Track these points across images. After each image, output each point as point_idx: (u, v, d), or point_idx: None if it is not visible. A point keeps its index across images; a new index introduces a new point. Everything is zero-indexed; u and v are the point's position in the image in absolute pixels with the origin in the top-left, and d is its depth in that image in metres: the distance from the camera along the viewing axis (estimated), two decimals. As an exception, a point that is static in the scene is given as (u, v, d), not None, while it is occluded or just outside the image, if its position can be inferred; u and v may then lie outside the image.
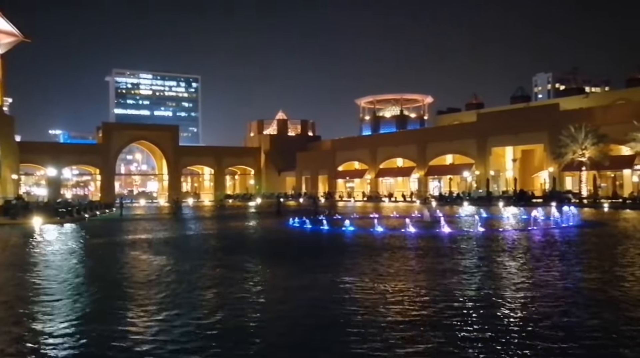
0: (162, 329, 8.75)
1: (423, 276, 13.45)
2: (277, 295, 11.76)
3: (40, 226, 33.06)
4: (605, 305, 9.98)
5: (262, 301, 11.10)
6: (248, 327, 8.94)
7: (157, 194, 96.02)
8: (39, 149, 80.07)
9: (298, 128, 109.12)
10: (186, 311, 10.05)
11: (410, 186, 77.61)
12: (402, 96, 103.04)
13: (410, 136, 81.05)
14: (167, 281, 13.34)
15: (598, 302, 10.27)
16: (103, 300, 11.40)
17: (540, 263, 15.30)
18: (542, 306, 9.94)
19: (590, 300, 10.50)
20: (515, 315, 9.37)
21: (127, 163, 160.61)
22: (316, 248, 21.14)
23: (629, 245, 19.39)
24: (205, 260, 17.50)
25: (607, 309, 9.67)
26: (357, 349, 7.56)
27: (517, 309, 9.84)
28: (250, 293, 11.81)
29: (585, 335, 8.07)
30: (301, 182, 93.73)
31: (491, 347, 7.59)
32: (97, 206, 52.57)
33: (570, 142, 53.95)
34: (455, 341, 7.84)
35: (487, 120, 69.27)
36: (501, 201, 54.43)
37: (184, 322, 9.18)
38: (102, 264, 17.22)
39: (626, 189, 55.74)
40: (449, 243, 20.75)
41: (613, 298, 10.61)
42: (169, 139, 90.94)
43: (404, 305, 10.20)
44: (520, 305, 10.21)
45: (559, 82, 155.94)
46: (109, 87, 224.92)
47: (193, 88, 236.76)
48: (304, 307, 10.27)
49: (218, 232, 28.85)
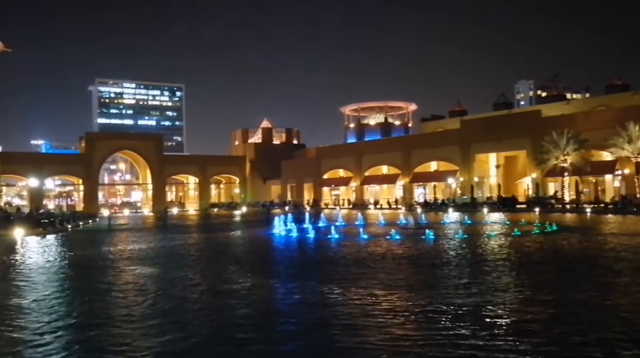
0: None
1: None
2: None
3: (22, 238, 32.61)
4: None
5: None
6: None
7: (142, 204, 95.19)
8: (21, 160, 79.05)
9: (283, 136, 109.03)
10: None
11: (395, 193, 77.83)
12: (386, 103, 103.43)
13: (395, 144, 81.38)
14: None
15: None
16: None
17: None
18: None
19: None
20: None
21: (111, 173, 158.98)
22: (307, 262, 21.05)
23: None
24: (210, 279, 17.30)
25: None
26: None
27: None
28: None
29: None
30: (286, 190, 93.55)
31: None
32: (80, 216, 52.01)
33: (552, 148, 54.53)
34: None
35: (470, 127, 69.83)
36: (485, 207, 54.89)
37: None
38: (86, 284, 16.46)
39: (608, 194, 56.49)
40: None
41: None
42: (153, 149, 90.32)
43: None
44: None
45: (541, 89, 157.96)
46: (92, 97, 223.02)
47: (177, 97, 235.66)
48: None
49: (212, 244, 28.51)
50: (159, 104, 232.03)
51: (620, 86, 74.71)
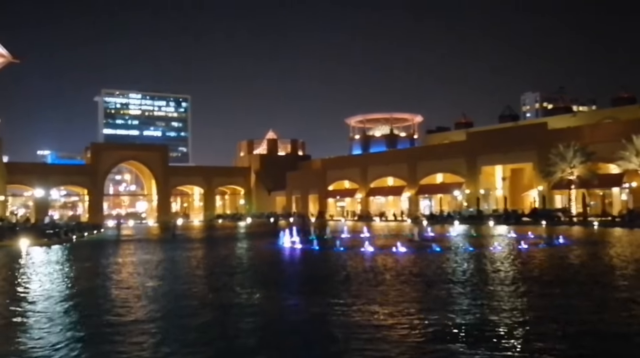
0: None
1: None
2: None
3: (27, 248, 32.53)
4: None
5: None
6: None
7: (146, 214, 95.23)
8: (27, 170, 79.38)
9: (288, 148, 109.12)
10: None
11: (401, 205, 77.59)
12: (392, 115, 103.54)
13: (401, 155, 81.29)
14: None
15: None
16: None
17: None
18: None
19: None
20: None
21: (116, 183, 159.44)
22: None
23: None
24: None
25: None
26: None
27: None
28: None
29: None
30: (291, 202, 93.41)
31: None
32: (85, 227, 51.97)
33: (558, 160, 54.28)
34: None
35: (476, 139, 69.70)
36: (491, 219, 54.58)
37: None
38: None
39: (615, 207, 56.09)
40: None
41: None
42: (158, 159, 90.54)
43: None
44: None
45: (547, 102, 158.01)
46: (98, 108, 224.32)
47: (182, 108, 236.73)
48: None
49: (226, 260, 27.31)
50: (165, 115, 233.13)
51: (627, 98, 74.64)
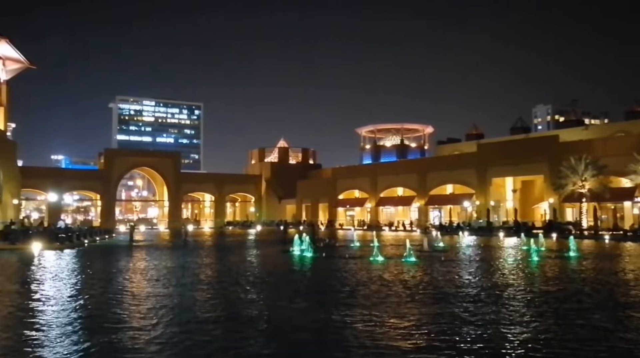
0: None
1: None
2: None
3: (40, 252, 32.97)
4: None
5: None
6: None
7: (157, 220, 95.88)
8: (41, 174, 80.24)
9: (299, 156, 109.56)
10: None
11: (410, 215, 77.50)
12: (403, 125, 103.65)
13: (411, 166, 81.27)
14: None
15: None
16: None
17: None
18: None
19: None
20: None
21: (128, 189, 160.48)
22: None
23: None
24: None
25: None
26: None
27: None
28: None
29: None
30: (301, 210, 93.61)
31: None
32: (97, 231, 52.50)
33: (570, 173, 54.01)
34: None
35: (487, 150, 69.56)
36: (501, 231, 54.39)
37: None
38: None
39: (627, 221, 55.65)
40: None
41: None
42: (170, 166, 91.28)
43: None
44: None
45: (559, 114, 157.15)
46: (112, 114, 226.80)
47: (195, 115, 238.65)
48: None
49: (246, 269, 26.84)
50: (178, 122, 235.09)
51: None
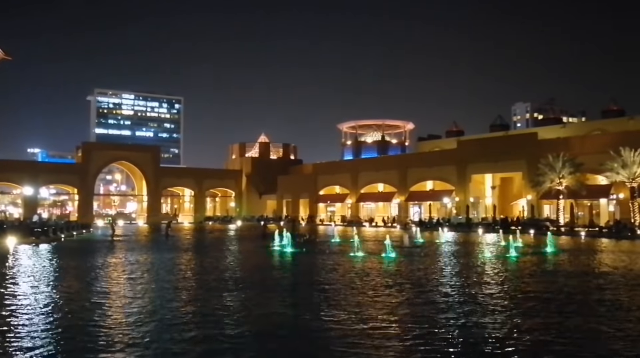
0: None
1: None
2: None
3: (15, 246, 32.40)
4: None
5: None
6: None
7: (136, 215, 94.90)
8: (16, 168, 78.93)
9: (280, 152, 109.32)
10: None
11: (391, 211, 77.84)
12: (384, 121, 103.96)
13: (392, 162, 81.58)
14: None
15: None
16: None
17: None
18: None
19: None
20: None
21: (107, 183, 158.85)
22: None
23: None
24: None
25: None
26: None
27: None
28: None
29: None
30: (282, 205, 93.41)
31: None
32: (75, 226, 51.78)
33: (548, 171, 54.71)
34: None
35: (467, 147, 70.12)
36: (480, 227, 54.90)
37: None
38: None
39: (602, 218, 56.62)
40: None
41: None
42: (149, 160, 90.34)
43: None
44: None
45: (537, 112, 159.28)
46: (90, 107, 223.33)
47: (175, 109, 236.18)
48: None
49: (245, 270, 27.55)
50: (157, 116, 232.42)
51: (616, 111, 75.30)
